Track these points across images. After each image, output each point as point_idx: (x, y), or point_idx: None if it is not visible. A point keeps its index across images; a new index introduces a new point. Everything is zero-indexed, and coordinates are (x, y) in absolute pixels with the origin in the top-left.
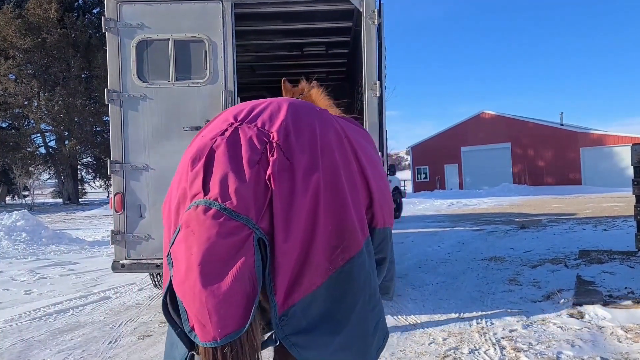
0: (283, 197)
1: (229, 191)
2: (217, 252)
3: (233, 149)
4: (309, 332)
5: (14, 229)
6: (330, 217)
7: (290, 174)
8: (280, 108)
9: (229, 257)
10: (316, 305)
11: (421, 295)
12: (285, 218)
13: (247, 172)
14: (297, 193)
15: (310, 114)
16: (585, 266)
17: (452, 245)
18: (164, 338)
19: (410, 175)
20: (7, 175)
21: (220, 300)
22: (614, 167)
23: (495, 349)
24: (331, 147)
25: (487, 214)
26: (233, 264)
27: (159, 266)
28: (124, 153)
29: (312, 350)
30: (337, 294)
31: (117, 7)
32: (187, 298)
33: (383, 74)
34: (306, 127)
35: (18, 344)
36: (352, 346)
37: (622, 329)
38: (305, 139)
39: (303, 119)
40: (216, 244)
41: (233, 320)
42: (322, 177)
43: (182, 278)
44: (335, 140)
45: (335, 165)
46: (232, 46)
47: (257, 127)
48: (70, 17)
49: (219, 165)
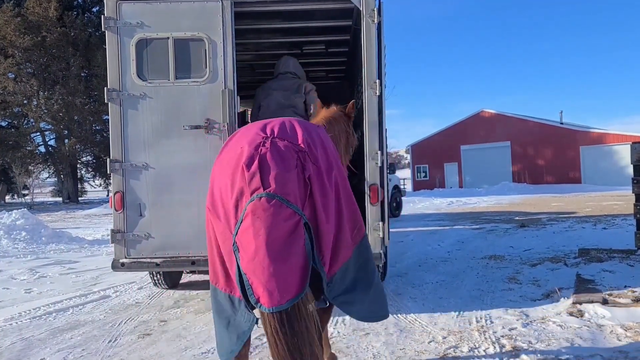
0: (320, 191)
1: (284, 186)
2: (279, 233)
3: (278, 155)
4: (350, 292)
5: (13, 227)
6: (347, 205)
7: (319, 174)
8: (294, 126)
9: (287, 237)
10: (349, 272)
11: (421, 294)
12: (324, 206)
13: (293, 173)
14: (327, 188)
15: (315, 130)
16: (585, 265)
17: (452, 244)
18: (163, 337)
19: (410, 174)
20: (6, 174)
21: (284, 271)
22: (613, 165)
23: (495, 347)
24: (334, 154)
25: (486, 213)
26: (291, 242)
27: (159, 265)
28: (123, 152)
29: (355, 305)
30: (360, 263)
31: (116, 5)
32: (257, 272)
33: (383, 73)
34: (317, 139)
35: (18, 343)
36: (377, 299)
37: (621, 328)
38: (319, 148)
39: (313, 134)
40: (279, 226)
41: (294, 287)
42: (337, 175)
43: (251, 256)
44: (332, 148)
45: (339, 166)
46: (231, 45)
47: (287, 141)
48: (70, 16)
49: (272, 167)
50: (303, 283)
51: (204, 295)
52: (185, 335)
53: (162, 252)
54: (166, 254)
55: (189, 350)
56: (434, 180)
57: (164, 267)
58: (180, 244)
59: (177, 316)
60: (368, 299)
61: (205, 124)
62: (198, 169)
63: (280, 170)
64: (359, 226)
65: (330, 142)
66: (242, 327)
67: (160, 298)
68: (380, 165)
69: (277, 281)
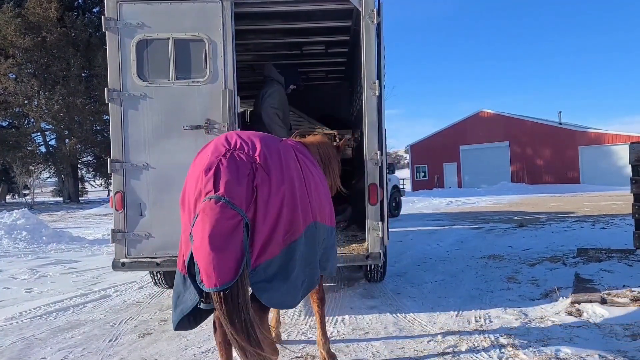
0: (264, 198)
1: (231, 191)
2: (221, 228)
3: (233, 164)
4: (267, 282)
5: (14, 227)
6: (287, 212)
7: (268, 184)
8: (254, 141)
9: (228, 233)
10: (272, 266)
11: (420, 293)
12: (264, 210)
13: (242, 180)
14: (272, 196)
15: (275, 144)
16: (584, 264)
17: (451, 244)
18: (164, 336)
19: (409, 174)
20: (7, 174)
21: (221, 259)
22: (612, 165)
23: (494, 346)
24: (290, 167)
25: (485, 213)
26: (230, 237)
27: (159, 264)
28: (124, 152)
29: (267, 292)
30: (284, 261)
31: (117, 6)
32: (200, 258)
33: (382, 73)
34: (275, 153)
35: (19, 342)
36: (290, 291)
37: (620, 327)
38: (276, 161)
39: (272, 147)
40: (221, 223)
41: (229, 273)
42: (286, 188)
43: (198, 245)
44: (293, 162)
45: (292, 181)
46: (231, 45)
47: (245, 153)
48: (70, 16)
49: (224, 175)
50: (237, 270)
51: None
52: (186, 335)
53: (163, 252)
54: (166, 253)
55: (189, 350)
56: (433, 180)
57: (164, 266)
58: None
59: None
60: (280, 291)
61: (206, 124)
62: None
63: (231, 177)
64: (293, 231)
65: (294, 160)
66: (187, 303)
67: (161, 297)
68: (380, 165)
69: (215, 267)
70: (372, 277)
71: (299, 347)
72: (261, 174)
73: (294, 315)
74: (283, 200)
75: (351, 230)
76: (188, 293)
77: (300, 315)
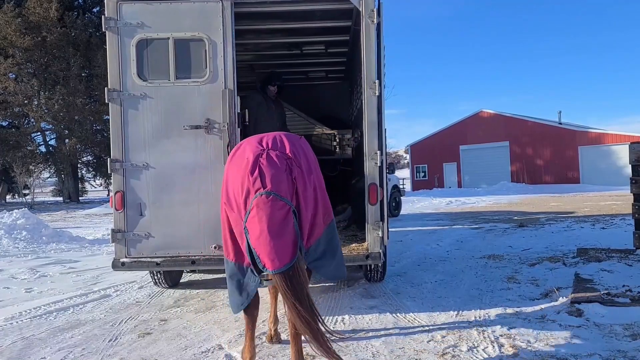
0: (302, 189)
1: (277, 185)
2: (275, 217)
3: (272, 163)
4: (320, 259)
5: (14, 227)
6: (321, 197)
7: (302, 175)
8: (283, 140)
9: (281, 221)
10: (321, 245)
11: (420, 293)
12: (305, 198)
13: (283, 176)
14: (307, 185)
15: (298, 141)
16: (584, 264)
17: (451, 244)
18: (164, 336)
19: (409, 174)
20: (7, 173)
21: (280, 244)
22: (612, 165)
23: (494, 346)
24: (313, 159)
25: (485, 213)
26: (284, 225)
27: (159, 264)
28: (124, 151)
29: (323, 268)
30: (329, 238)
31: (117, 6)
32: (260, 246)
33: (382, 73)
34: (299, 148)
35: (18, 342)
36: (340, 266)
37: (620, 327)
38: (302, 155)
39: (296, 145)
40: (275, 213)
41: (288, 255)
42: (315, 176)
43: (257, 235)
44: (311, 154)
45: (317, 170)
46: (231, 45)
47: (278, 151)
48: (71, 16)
49: (268, 172)
50: (294, 252)
51: (204, 294)
52: (186, 335)
53: (163, 252)
54: (166, 253)
55: (189, 349)
56: (433, 180)
57: (164, 266)
58: (181, 243)
59: (177, 315)
60: (333, 265)
61: (206, 124)
62: (198, 168)
63: (273, 173)
64: (328, 212)
65: (311, 151)
66: (250, 287)
67: (161, 297)
68: (380, 165)
69: (276, 252)
70: (372, 276)
71: None
72: (296, 169)
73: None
74: (315, 187)
75: (351, 230)
76: (247, 278)
77: None
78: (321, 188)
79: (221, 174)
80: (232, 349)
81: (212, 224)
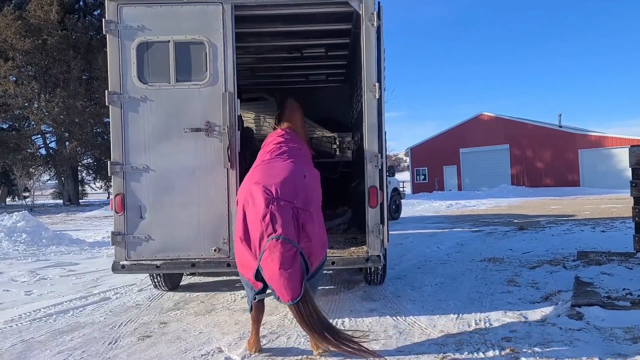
0: (309, 229)
1: (286, 230)
2: (285, 258)
3: (281, 211)
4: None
5: (14, 230)
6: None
7: (310, 218)
8: (288, 184)
9: (290, 260)
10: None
11: (420, 296)
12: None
13: (290, 222)
14: (314, 224)
15: (301, 180)
16: (584, 267)
17: (451, 247)
18: (164, 339)
19: (409, 177)
20: (7, 176)
21: (289, 280)
22: (612, 168)
23: (494, 350)
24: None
25: (485, 215)
26: (292, 264)
27: (159, 267)
28: (124, 154)
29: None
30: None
31: (117, 9)
32: (273, 282)
33: (382, 76)
34: (302, 190)
35: (18, 345)
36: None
37: (620, 330)
38: (306, 197)
39: (299, 185)
40: (284, 254)
41: (297, 290)
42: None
43: (270, 273)
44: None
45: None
46: (232, 48)
47: (286, 201)
48: (71, 19)
49: (278, 220)
50: (302, 285)
51: (204, 297)
52: (186, 337)
53: (163, 254)
54: (166, 256)
55: (189, 352)
56: (433, 183)
57: (164, 269)
58: (181, 245)
59: (177, 318)
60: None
61: (206, 127)
62: (198, 171)
63: (282, 221)
64: (324, 245)
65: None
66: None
67: (161, 300)
68: (380, 168)
69: (286, 288)
70: (372, 279)
71: (299, 349)
72: (302, 215)
73: (294, 318)
74: (319, 223)
75: (351, 232)
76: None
77: None
78: (319, 219)
79: (221, 176)
80: (232, 351)
81: (212, 226)
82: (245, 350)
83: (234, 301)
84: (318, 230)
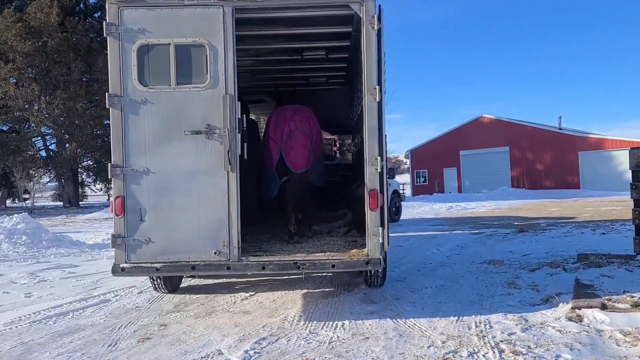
0: (315, 131)
1: (303, 127)
2: (302, 143)
3: (299, 116)
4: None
5: (14, 231)
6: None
7: (316, 125)
8: (299, 108)
9: (304, 144)
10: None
11: (420, 298)
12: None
13: (305, 123)
14: (319, 131)
15: (305, 114)
16: (584, 270)
17: (451, 249)
18: (163, 341)
19: (410, 179)
20: (7, 178)
21: (302, 156)
22: (612, 170)
23: (494, 352)
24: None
25: (486, 218)
26: (305, 147)
27: (159, 269)
28: (124, 157)
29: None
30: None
31: (118, 11)
32: (292, 156)
33: (383, 79)
34: (306, 119)
35: (18, 347)
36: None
37: (620, 333)
38: (310, 115)
39: (305, 110)
40: (302, 140)
41: (306, 163)
42: (317, 126)
43: (291, 149)
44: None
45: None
46: (232, 51)
47: (300, 111)
48: (72, 21)
49: (299, 122)
50: (309, 163)
51: (204, 299)
52: (185, 340)
53: (163, 257)
54: (166, 258)
55: (189, 355)
56: (433, 185)
57: (164, 271)
58: (181, 248)
59: (177, 320)
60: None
61: (206, 130)
62: (199, 174)
63: (301, 123)
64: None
65: (315, 121)
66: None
67: (160, 302)
68: (380, 171)
69: (300, 162)
70: (372, 282)
71: (298, 352)
72: (313, 123)
73: (294, 320)
74: (319, 132)
75: (351, 235)
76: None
77: (300, 320)
78: (321, 133)
79: (222, 179)
80: (231, 354)
81: (213, 229)
82: (246, 352)
83: (233, 303)
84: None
